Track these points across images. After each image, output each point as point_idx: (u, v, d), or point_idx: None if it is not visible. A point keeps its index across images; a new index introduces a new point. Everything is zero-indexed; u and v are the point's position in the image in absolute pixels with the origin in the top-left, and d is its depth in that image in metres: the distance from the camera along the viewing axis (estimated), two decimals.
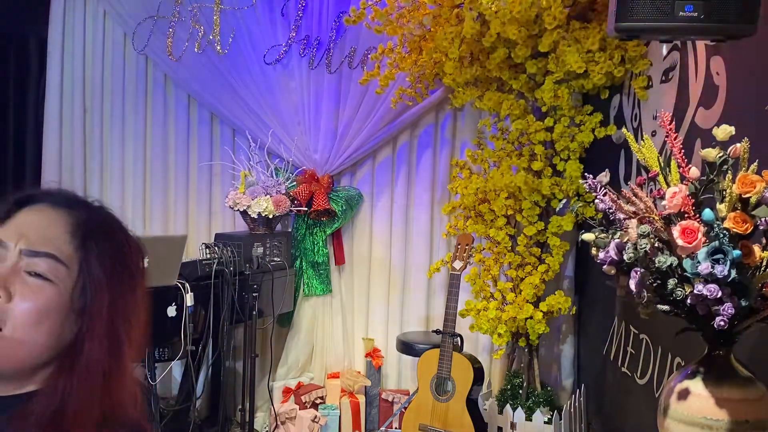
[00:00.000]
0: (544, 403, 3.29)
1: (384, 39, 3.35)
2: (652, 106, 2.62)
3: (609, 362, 2.93)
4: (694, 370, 1.41)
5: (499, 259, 3.34)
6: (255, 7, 3.90)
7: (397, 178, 3.95)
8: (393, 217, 3.95)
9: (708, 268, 1.21)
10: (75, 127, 4.23)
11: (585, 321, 3.51)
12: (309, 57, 3.87)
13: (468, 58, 3.22)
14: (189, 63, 4.00)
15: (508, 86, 3.23)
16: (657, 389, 2.33)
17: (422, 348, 3.35)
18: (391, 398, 3.79)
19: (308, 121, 3.91)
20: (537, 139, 3.18)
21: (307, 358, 3.99)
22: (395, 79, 3.43)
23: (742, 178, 1.28)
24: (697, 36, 1.66)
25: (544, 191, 3.15)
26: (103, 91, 4.23)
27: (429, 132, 3.90)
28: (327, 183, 3.88)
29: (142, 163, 4.21)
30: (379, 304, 3.98)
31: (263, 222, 3.66)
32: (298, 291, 3.96)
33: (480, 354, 3.71)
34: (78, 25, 4.20)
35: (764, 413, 1.35)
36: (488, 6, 2.75)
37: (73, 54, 4.20)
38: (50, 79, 4.20)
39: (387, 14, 3.17)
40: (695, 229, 1.25)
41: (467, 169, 3.52)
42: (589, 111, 3.18)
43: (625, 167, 2.83)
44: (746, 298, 1.25)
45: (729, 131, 1.38)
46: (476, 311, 3.27)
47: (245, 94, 3.94)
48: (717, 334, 1.36)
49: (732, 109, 1.89)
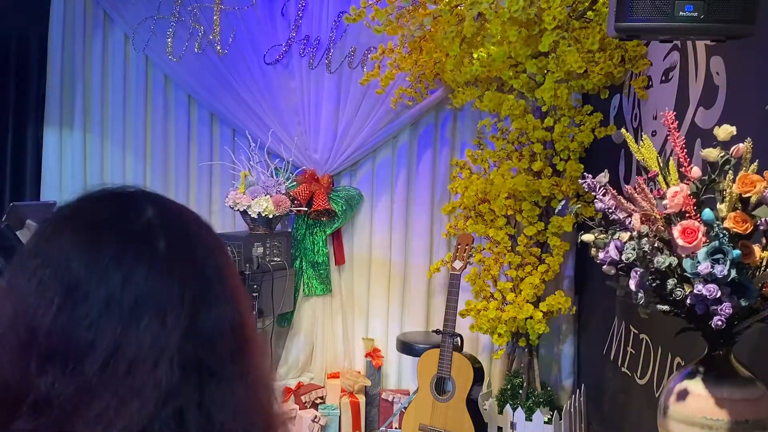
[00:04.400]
0: (544, 403, 3.29)
1: (384, 39, 3.35)
2: (652, 106, 2.62)
3: (609, 362, 2.92)
4: (693, 370, 1.41)
5: (499, 259, 3.34)
6: (255, 7, 3.90)
7: (397, 178, 3.95)
8: (393, 217, 3.95)
9: (708, 268, 1.21)
10: (75, 127, 4.23)
11: (585, 321, 3.51)
12: (309, 57, 3.87)
13: (468, 58, 3.22)
14: (189, 63, 4.00)
15: (508, 86, 3.23)
16: (657, 389, 2.33)
17: (422, 348, 3.35)
18: (391, 398, 3.79)
19: (308, 121, 3.92)
20: (537, 139, 3.18)
21: (307, 358, 3.99)
22: (395, 79, 3.43)
23: (742, 177, 1.28)
24: (697, 36, 1.66)
25: (544, 192, 3.15)
26: (103, 91, 4.23)
27: (429, 132, 3.90)
28: (327, 183, 3.88)
29: (142, 163, 4.21)
30: (379, 304, 3.98)
31: (263, 222, 3.66)
32: (298, 291, 3.96)
33: (480, 354, 3.71)
34: (78, 25, 4.19)
35: (764, 413, 1.35)
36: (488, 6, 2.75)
37: (73, 54, 4.20)
38: (50, 79, 4.20)
39: (387, 14, 3.17)
40: (696, 228, 1.25)
41: (467, 169, 3.52)
42: (589, 111, 3.18)
43: (625, 167, 2.83)
44: (746, 298, 1.25)
45: (730, 131, 1.38)
46: (476, 311, 3.27)
47: (245, 94, 3.94)
48: (717, 334, 1.36)
49: (732, 109, 1.89)
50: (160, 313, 0.66)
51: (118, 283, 0.66)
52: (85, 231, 0.69)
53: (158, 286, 0.67)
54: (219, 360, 0.68)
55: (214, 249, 0.74)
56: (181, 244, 0.71)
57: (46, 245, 0.69)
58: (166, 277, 0.68)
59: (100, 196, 0.74)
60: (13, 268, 0.69)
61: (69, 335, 0.64)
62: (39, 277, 0.66)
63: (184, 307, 0.67)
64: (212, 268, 0.72)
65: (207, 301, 0.69)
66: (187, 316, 0.67)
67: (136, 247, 0.68)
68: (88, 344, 0.64)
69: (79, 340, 0.64)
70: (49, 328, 0.64)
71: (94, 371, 0.63)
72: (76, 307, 0.65)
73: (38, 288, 0.66)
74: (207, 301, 0.69)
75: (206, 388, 0.67)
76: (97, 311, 0.65)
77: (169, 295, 0.67)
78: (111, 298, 0.65)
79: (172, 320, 0.66)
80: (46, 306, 0.65)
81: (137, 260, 0.67)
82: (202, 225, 0.76)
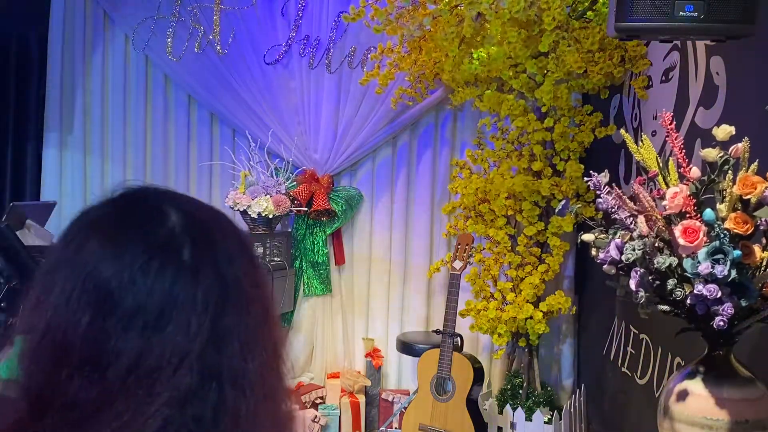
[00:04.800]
0: (544, 403, 3.29)
1: (384, 39, 3.35)
2: (652, 106, 2.62)
3: (609, 362, 2.93)
4: (693, 370, 1.41)
5: (499, 259, 3.34)
6: (255, 7, 3.90)
7: (397, 178, 3.95)
8: (393, 217, 3.95)
9: (708, 268, 1.21)
10: (75, 127, 4.23)
11: (585, 321, 3.51)
12: (309, 57, 3.87)
13: (468, 58, 3.22)
14: (189, 63, 4.00)
15: (508, 86, 3.23)
16: (657, 389, 2.33)
17: (422, 348, 3.35)
18: (391, 398, 3.79)
19: (308, 121, 3.92)
20: (537, 139, 3.18)
21: (307, 358, 3.99)
22: (395, 79, 3.43)
23: (743, 179, 1.28)
24: (697, 36, 1.66)
25: (544, 192, 3.15)
26: (103, 91, 4.23)
27: (429, 132, 3.90)
28: (327, 183, 3.88)
29: (142, 163, 4.21)
30: (379, 304, 3.98)
31: (263, 222, 3.66)
32: (298, 291, 3.96)
33: (480, 354, 3.71)
34: (78, 25, 4.19)
35: (764, 413, 1.35)
36: (488, 6, 2.75)
37: (73, 54, 4.20)
38: (50, 79, 4.20)
39: (386, 13, 3.17)
40: (697, 228, 1.25)
41: (467, 169, 3.52)
42: (589, 111, 3.18)
43: (625, 167, 2.83)
44: (746, 299, 1.25)
45: (729, 131, 1.38)
46: (476, 311, 3.27)
47: (245, 94, 3.94)
48: (717, 334, 1.36)
49: (732, 109, 1.89)
50: (184, 321, 0.67)
51: (144, 293, 0.67)
52: (112, 240, 0.70)
53: (183, 294, 0.68)
54: (238, 368, 0.69)
55: (237, 257, 0.74)
56: (204, 252, 0.71)
57: (75, 256, 0.70)
58: (190, 286, 0.69)
59: (123, 201, 0.74)
60: (44, 279, 0.70)
61: (99, 345, 0.66)
62: (70, 290, 0.67)
63: (207, 315, 0.68)
64: (234, 276, 0.72)
65: (229, 309, 0.70)
66: (209, 324, 0.68)
67: (162, 255, 0.69)
68: (115, 353, 0.66)
69: (107, 349, 0.66)
70: (81, 340, 0.66)
71: (117, 376, 0.65)
72: (107, 318, 0.66)
73: (70, 301, 0.67)
74: (229, 309, 0.70)
75: (225, 395, 0.68)
76: (125, 321, 0.66)
77: (193, 302, 0.68)
78: (138, 307, 0.67)
79: (195, 327, 0.67)
80: (78, 318, 0.66)
81: (163, 269, 0.68)
82: (227, 231, 0.76)
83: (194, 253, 0.70)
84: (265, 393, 0.72)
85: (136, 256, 0.68)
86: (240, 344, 0.70)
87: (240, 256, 0.74)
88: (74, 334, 0.66)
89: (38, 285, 0.70)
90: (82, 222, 0.73)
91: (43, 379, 0.67)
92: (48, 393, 0.66)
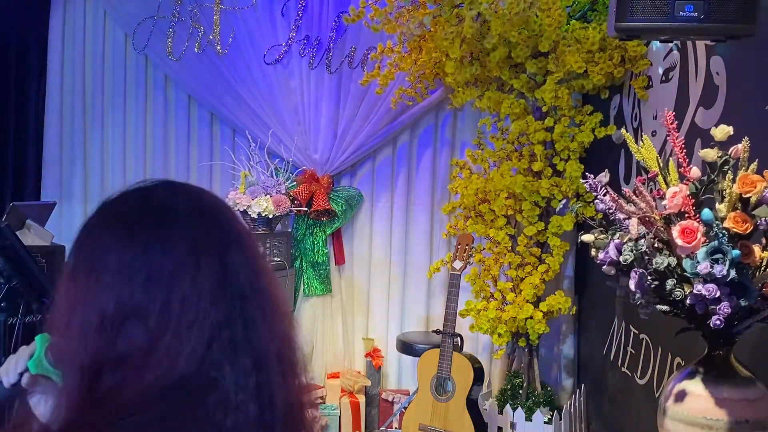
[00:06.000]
0: (544, 403, 3.29)
1: (384, 39, 3.35)
2: (652, 106, 2.62)
3: (609, 362, 2.93)
4: (693, 370, 1.41)
5: (499, 259, 3.34)
6: (255, 7, 3.90)
7: (397, 178, 3.95)
8: (393, 217, 3.95)
9: (707, 268, 1.21)
10: (75, 127, 4.23)
11: (585, 321, 3.51)
12: (309, 57, 3.88)
13: (468, 58, 3.22)
14: (189, 63, 4.00)
15: (508, 86, 3.23)
16: (657, 389, 2.33)
17: (422, 348, 3.35)
18: (391, 398, 3.79)
19: (308, 121, 3.92)
20: (537, 139, 3.18)
21: (307, 358, 3.99)
22: (395, 79, 3.43)
23: (742, 177, 1.28)
24: (697, 36, 1.67)
25: (544, 192, 3.15)
26: (103, 91, 4.23)
27: (429, 132, 3.90)
28: (327, 183, 3.88)
29: (142, 163, 4.21)
30: (379, 304, 3.98)
31: (263, 222, 3.66)
32: (298, 291, 3.96)
33: (480, 354, 3.71)
34: (78, 25, 4.19)
35: (764, 413, 1.35)
36: (488, 6, 2.75)
37: (73, 54, 4.20)
38: (50, 79, 4.20)
39: (386, 13, 3.17)
40: (695, 229, 1.25)
41: (467, 169, 3.52)
42: (589, 111, 3.18)
43: (625, 167, 2.83)
44: (746, 298, 1.25)
45: (727, 131, 1.38)
46: (476, 311, 3.27)
47: (245, 94, 3.94)
48: (717, 334, 1.36)
49: (732, 109, 1.89)
50: (194, 271, 0.83)
51: (163, 261, 0.83)
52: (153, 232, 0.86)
53: (194, 260, 0.84)
54: (250, 305, 0.86)
55: (240, 234, 0.91)
56: (211, 228, 0.88)
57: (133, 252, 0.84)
58: (200, 253, 0.85)
59: (141, 204, 0.88)
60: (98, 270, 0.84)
61: (144, 306, 0.81)
62: (128, 271, 0.82)
63: (218, 265, 0.85)
64: (236, 248, 0.89)
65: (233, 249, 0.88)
66: (218, 271, 0.85)
67: (177, 234, 0.85)
68: (146, 306, 0.81)
69: (146, 306, 0.81)
70: (133, 305, 0.81)
71: (155, 321, 0.80)
72: (149, 288, 0.82)
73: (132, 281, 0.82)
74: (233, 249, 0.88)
75: (248, 325, 0.85)
76: (153, 282, 0.82)
77: (206, 260, 0.85)
78: (161, 272, 0.83)
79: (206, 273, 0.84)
80: (132, 291, 0.82)
81: (178, 245, 0.85)
82: (232, 214, 0.94)
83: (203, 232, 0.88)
84: (275, 319, 0.89)
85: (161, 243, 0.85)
86: (252, 270, 0.88)
87: (241, 232, 0.92)
88: (130, 302, 0.81)
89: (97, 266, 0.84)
90: (116, 219, 0.88)
91: (100, 339, 0.80)
92: (103, 353, 0.80)
